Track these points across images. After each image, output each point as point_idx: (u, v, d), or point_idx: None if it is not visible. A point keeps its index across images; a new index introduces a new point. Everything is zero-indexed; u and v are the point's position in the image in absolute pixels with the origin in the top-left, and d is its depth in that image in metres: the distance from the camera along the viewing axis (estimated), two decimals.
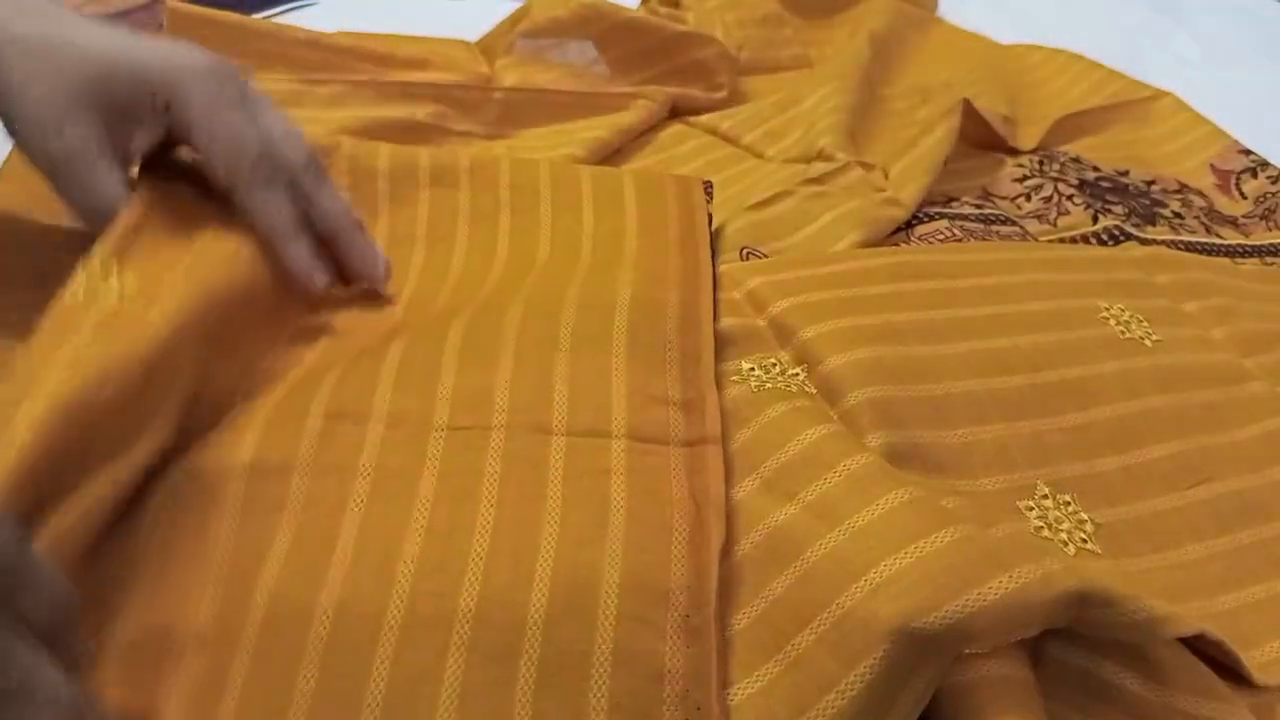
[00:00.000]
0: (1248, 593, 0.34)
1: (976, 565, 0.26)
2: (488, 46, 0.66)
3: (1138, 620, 0.27)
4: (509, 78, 0.60)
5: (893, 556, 0.27)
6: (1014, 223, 0.52)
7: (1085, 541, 0.34)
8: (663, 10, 0.70)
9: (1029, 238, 0.51)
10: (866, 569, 0.27)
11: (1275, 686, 0.31)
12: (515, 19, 0.64)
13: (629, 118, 0.58)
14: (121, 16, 0.68)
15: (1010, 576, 0.26)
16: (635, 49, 0.63)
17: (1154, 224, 0.54)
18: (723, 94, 0.63)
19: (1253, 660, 0.32)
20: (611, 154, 0.56)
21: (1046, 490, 0.35)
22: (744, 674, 0.27)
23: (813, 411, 0.34)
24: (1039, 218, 0.53)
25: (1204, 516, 0.36)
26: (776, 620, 0.28)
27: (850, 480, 0.30)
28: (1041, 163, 0.58)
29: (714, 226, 0.44)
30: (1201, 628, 0.29)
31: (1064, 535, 0.34)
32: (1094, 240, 0.51)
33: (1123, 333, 0.42)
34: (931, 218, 0.51)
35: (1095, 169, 0.58)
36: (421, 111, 0.55)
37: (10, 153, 0.48)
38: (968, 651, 0.26)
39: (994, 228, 0.51)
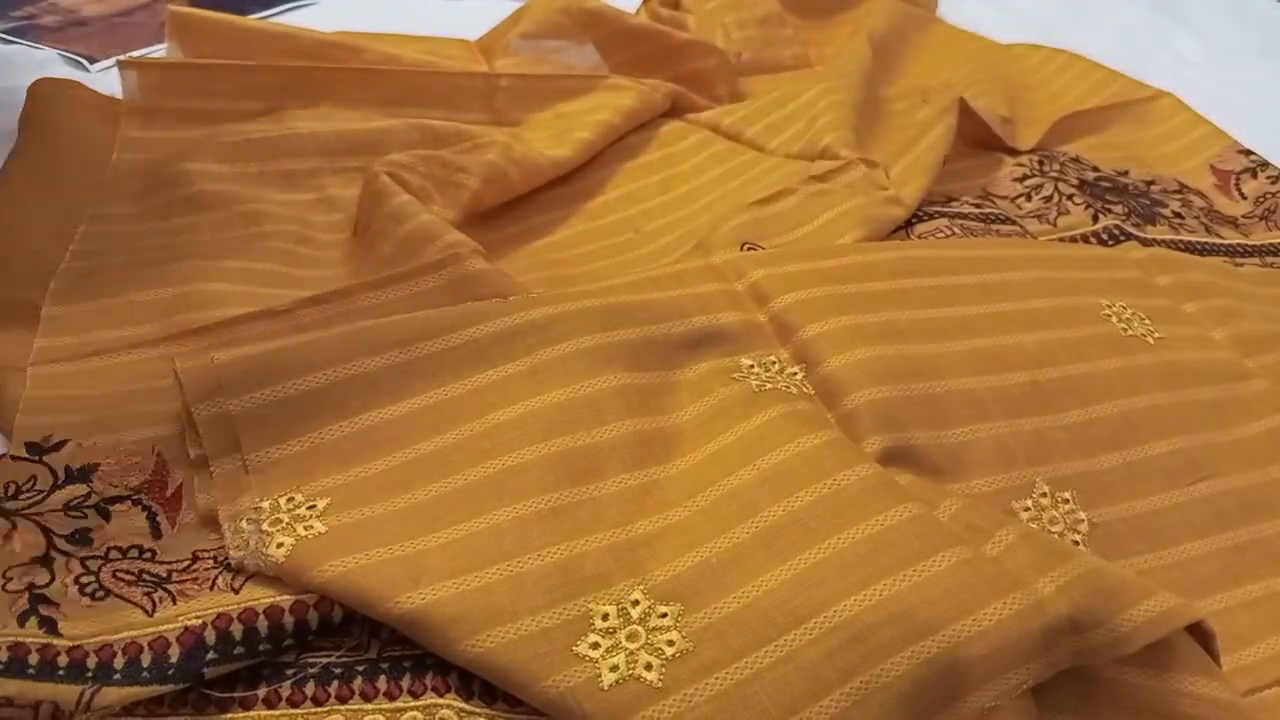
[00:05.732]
0: (1245, 590, 0.34)
1: (974, 590, 0.27)
2: (487, 46, 0.66)
3: (1137, 625, 0.27)
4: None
5: (891, 577, 0.27)
6: (1014, 222, 0.52)
7: (1078, 544, 0.34)
8: (663, 12, 0.70)
9: (1029, 237, 0.51)
10: (866, 584, 0.27)
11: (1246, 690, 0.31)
12: (515, 20, 0.64)
13: (630, 100, 0.57)
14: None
15: (1005, 603, 0.26)
16: (636, 56, 0.63)
17: (1154, 224, 0.54)
18: (722, 105, 0.63)
19: (1248, 657, 0.32)
20: (615, 142, 0.56)
21: (1046, 489, 0.35)
22: (732, 658, 0.27)
23: (812, 416, 0.34)
24: (1039, 217, 0.53)
25: (1204, 513, 0.36)
26: (769, 610, 0.28)
27: (845, 492, 0.30)
28: (1041, 162, 0.58)
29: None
30: (1200, 615, 0.29)
31: (1057, 536, 0.34)
32: (1094, 240, 0.51)
33: (1125, 330, 0.42)
34: (931, 216, 0.51)
35: (1095, 169, 0.58)
36: (432, 116, 0.55)
37: (10, 155, 0.48)
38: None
39: (994, 227, 0.51)
